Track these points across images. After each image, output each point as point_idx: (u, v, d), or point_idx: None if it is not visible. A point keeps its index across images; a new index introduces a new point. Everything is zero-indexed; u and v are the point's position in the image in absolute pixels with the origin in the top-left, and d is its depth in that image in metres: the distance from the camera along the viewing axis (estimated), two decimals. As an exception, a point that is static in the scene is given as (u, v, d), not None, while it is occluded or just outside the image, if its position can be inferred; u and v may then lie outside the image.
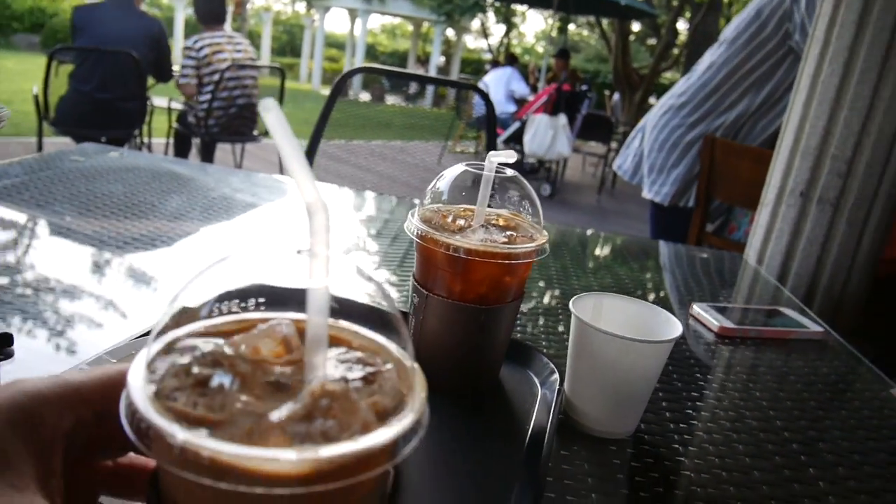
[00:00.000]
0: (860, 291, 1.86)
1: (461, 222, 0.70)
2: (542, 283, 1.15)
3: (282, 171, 3.68)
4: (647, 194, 2.69)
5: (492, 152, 0.68)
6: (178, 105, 4.67)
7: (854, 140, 1.75)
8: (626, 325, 0.72)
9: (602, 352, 0.66)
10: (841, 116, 1.75)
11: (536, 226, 0.72)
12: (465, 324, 0.68)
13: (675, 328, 0.68)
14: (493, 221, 0.71)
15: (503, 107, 8.02)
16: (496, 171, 0.69)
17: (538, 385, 0.75)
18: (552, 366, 0.76)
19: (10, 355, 0.67)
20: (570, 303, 0.69)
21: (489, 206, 0.71)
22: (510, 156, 0.66)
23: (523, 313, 1.00)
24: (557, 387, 0.71)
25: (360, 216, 1.43)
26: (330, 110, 2.01)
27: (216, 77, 4.07)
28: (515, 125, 7.17)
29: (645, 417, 0.73)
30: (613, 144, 8.26)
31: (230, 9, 4.34)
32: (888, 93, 1.68)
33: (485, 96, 2.14)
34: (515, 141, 7.14)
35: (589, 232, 1.63)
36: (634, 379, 0.66)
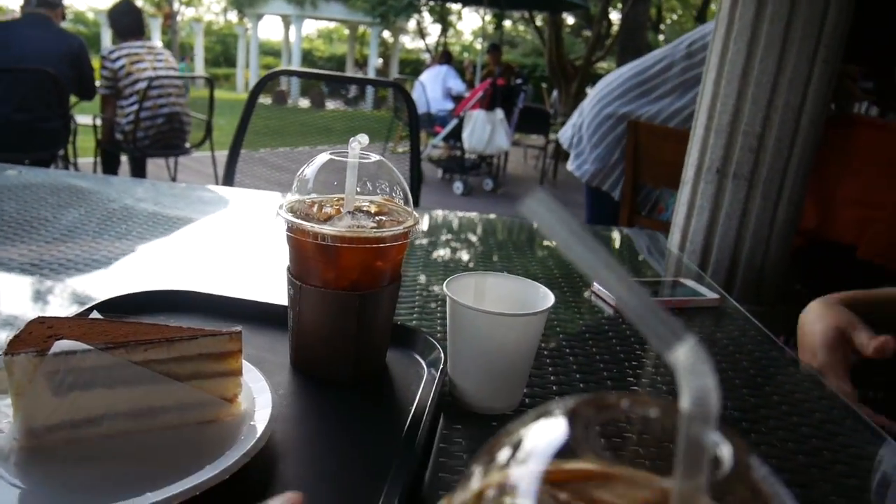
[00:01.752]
0: (780, 262, 1.93)
1: (329, 210, 0.70)
2: (431, 267, 1.17)
3: (217, 181, 3.63)
4: (569, 166, 2.77)
5: (352, 138, 0.68)
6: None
7: (762, 115, 1.81)
8: (509, 302, 0.73)
9: (474, 328, 0.67)
10: (749, 93, 1.81)
11: (408, 210, 0.73)
12: (341, 311, 0.69)
13: (548, 300, 0.69)
14: (364, 208, 0.71)
15: (440, 104, 8.03)
16: (361, 158, 0.69)
17: (424, 366, 0.76)
18: (436, 345, 0.77)
19: None
20: (444, 284, 0.70)
21: (361, 193, 0.72)
22: (364, 139, 0.67)
23: (420, 297, 1.00)
24: (441, 365, 0.72)
25: (263, 217, 1.41)
26: (249, 115, 1.99)
27: (138, 87, 3.99)
28: (454, 122, 7.19)
29: (531, 392, 0.75)
30: (552, 136, 8.37)
31: (159, 21, 4.26)
32: (790, 66, 1.75)
33: (404, 93, 2.15)
34: (455, 138, 7.16)
35: (492, 216, 1.65)
36: (508, 353, 0.67)
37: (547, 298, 0.70)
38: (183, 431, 0.60)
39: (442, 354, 0.74)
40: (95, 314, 0.64)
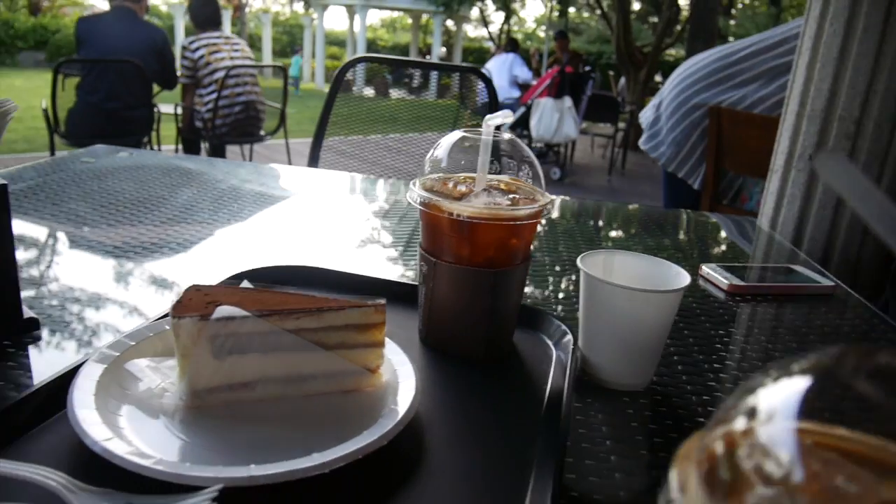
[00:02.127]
0: (876, 253, 1.85)
1: (463, 188, 0.71)
2: (550, 248, 1.16)
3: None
4: (642, 144, 2.71)
5: (488, 115, 0.69)
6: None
7: (861, 100, 1.73)
8: (637, 280, 0.73)
9: (612, 304, 0.67)
10: (846, 77, 1.74)
11: (538, 189, 0.73)
12: (475, 288, 0.69)
13: (683, 279, 0.68)
14: (495, 186, 0.71)
15: (507, 93, 7.99)
16: (494, 136, 0.70)
17: (552, 347, 0.76)
18: (564, 327, 0.77)
19: (37, 339, 0.71)
20: (578, 260, 0.70)
21: (488, 173, 0.72)
22: (506, 115, 0.67)
23: (535, 278, 1.00)
24: (571, 346, 0.72)
25: (366, 199, 1.44)
26: (332, 103, 2.02)
27: (216, 76, 4.10)
28: (521, 110, 7.14)
29: (657, 371, 0.74)
30: (621, 125, 8.21)
31: (228, 13, 4.38)
32: (892, 48, 1.66)
33: (485, 79, 2.15)
34: (522, 126, 7.12)
35: (597, 202, 1.63)
36: (645, 329, 0.67)
37: (681, 277, 0.69)
38: (328, 399, 0.62)
39: (570, 335, 0.74)
40: (245, 283, 0.66)
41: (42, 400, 0.57)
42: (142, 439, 0.54)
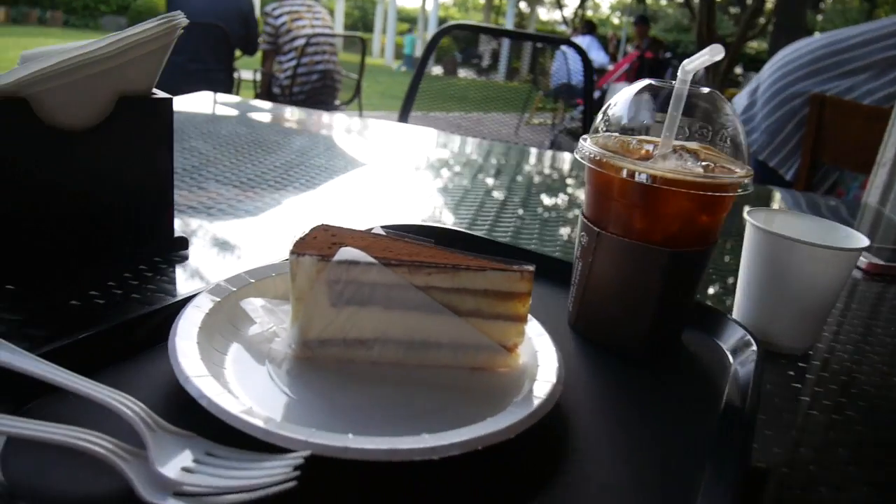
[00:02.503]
0: None
1: (644, 149, 0.58)
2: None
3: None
4: None
5: (686, 60, 0.55)
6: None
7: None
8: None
9: (789, 261, 0.60)
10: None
11: (735, 160, 0.58)
12: (647, 269, 0.57)
13: (859, 240, 0.59)
14: (686, 150, 0.58)
15: (581, 77, 7.46)
16: (690, 87, 0.57)
17: (729, 357, 0.62)
18: (748, 337, 0.62)
19: (185, 258, 0.71)
20: (745, 213, 0.60)
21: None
22: (717, 52, 0.53)
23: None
24: (754, 360, 0.58)
25: (471, 159, 1.33)
26: (423, 71, 1.98)
27: (297, 44, 4.07)
28: (596, 95, 6.68)
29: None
30: (700, 115, 7.52)
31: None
32: None
33: (581, 52, 2.10)
34: (587, 116, 6.67)
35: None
36: (821, 289, 0.62)
37: (853, 239, 0.63)
38: (452, 374, 0.52)
39: (755, 347, 0.60)
40: (378, 229, 0.58)
41: (151, 326, 0.52)
42: (240, 383, 0.48)
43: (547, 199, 1.14)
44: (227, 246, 0.77)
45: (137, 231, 0.68)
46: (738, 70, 11.78)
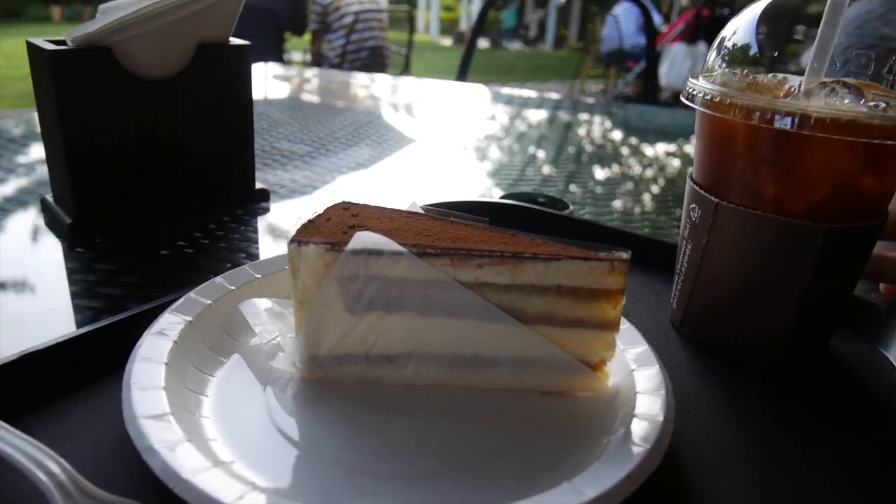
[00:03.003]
0: None
1: (786, 87, 0.42)
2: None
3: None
4: None
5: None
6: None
7: None
8: None
9: None
10: None
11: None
12: (788, 252, 0.41)
13: None
14: (839, 83, 0.41)
15: (634, 39, 6.91)
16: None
17: (889, 357, 0.45)
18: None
19: (266, 210, 0.71)
20: None
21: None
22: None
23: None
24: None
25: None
26: (475, 42, 1.88)
27: (345, 21, 3.99)
28: (647, 58, 6.21)
29: None
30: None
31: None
32: None
33: (641, 5, 1.92)
34: (650, 76, 6.20)
35: None
36: None
37: None
38: (515, 401, 0.38)
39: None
40: (415, 206, 0.44)
41: (115, 340, 0.40)
42: (222, 421, 0.35)
43: (632, 164, 0.97)
44: (306, 200, 0.76)
45: (221, 180, 0.69)
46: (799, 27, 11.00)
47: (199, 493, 0.27)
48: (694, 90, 0.43)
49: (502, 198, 0.76)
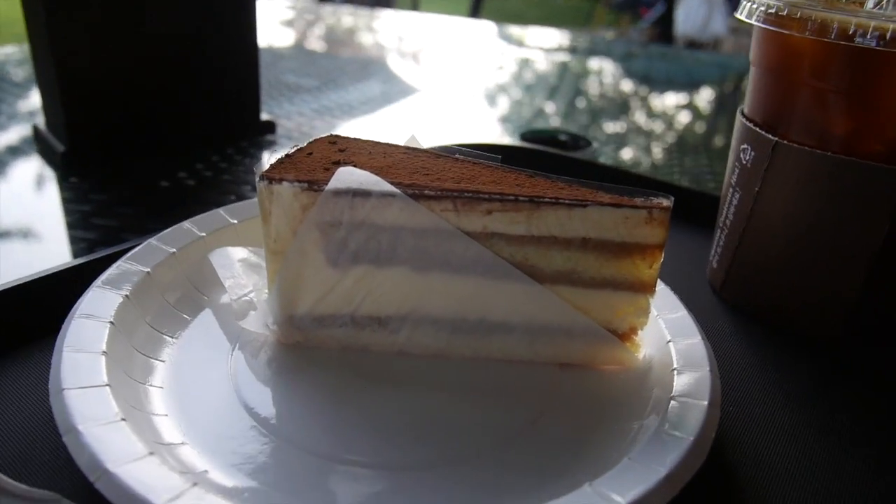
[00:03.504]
0: None
1: (870, 3, 0.34)
2: None
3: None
4: None
5: None
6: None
7: None
8: None
9: None
10: None
11: None
12: (861, 202, 0.34)
13: None
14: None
15: None
16: None
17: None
18: None
19: (273, 143, 0.66)
20: None
21: None
22: None
23: None
24: None
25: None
26: None
27: None
28: (662, 3, 5.90)
29: None
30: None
31: None
32: None
33: None
34: (665, 24, 5.91)
35: None
36: None
37: None
38: (530, 375, 0.32)
39: None
40: (415, 139, 0.38)
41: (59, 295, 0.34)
42: (180, 395, 0.29)
43: (664, 109, 0.89)
44: (315, 133, 0.69)
45: (225, 109, 0.64)
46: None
47: (122, 490, 0.21)
48: (753, 3, 0.35)
49: (520, 135, 0.69)
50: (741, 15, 0.36)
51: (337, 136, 0.36)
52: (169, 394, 0.29)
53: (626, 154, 0.70)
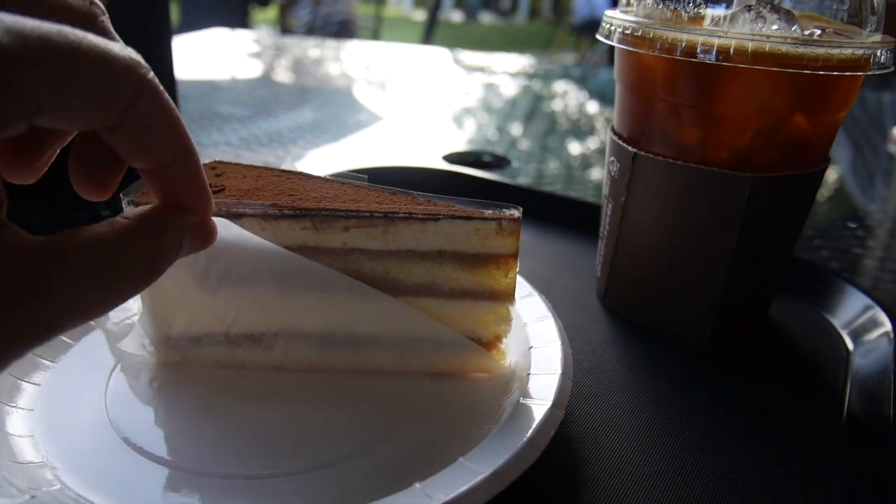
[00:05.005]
0: None
1: (712, 16, 0.36)
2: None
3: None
4: None
5: None
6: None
7: None
8: None
9: None
10: None
11: (854, 27, 0.36)
12: (713, 208, 0.36)
13: None
14: (768, 7, 0.36)
15: (605, 8, 6.59)
16: None
17: (846, 342, 0.40)
18: (879, 310, 0.40)
19: None
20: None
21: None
22: None
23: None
24: (891, 345, 0.36)
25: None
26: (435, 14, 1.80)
27: None
28: None
29: None
30: None
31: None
32: None
33: None
34: None
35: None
36: None
37: None
38: (401, 384, 0.33)
39: (889, 325, 0.38)
40: (290, 163, 0.39)
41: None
42: (51, 423, 0.30)
43: (592, 125, 0.91)
44: (240, 161, 0.69)
45: None
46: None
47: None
48: (611, 25, 0.37)
49: (445, 157, 0.70)
50: (601, 36, 0.38)
51: (219, 162, 0.37)
52: (37, 415, 0.30)
53: (547, 170, 0.72)
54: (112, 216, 0.22)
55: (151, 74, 0.21)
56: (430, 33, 1.80)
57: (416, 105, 0.99)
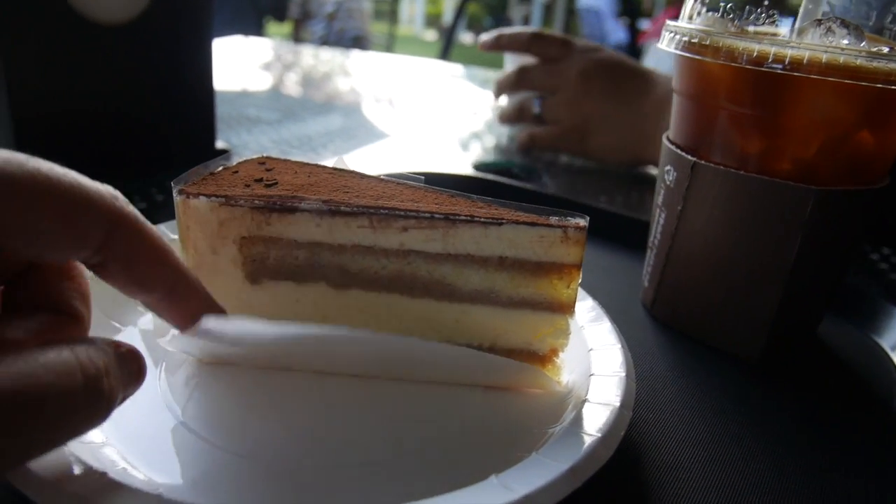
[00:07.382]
0: None
1: (770, 28, 0.36)
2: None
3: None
4: None
5: None
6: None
7: None
8: None
9: None
10: None
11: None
12: (774, 219, 0.35)
13: None
14: (836, 22, 0.35)
15: (616, 34, 6.34)
16: None
17: (887, 349, 0.39)
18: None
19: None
20: None
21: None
22: None
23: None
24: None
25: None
26: (455, 28, 1.83)
27: (326, 10, 3.91)
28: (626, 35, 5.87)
29: None
30: None
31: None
32: None
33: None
34: (632, 54, 5.80)
35: None
36: None
37: None
38: (452, 396, 0.32)
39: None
40: (342, 162, 0.38)
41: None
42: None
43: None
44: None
45: (179, 137, 0.62)
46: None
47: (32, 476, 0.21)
48: (673, 33, 0.36)
49: (474, 167, 0.69)
50: (662, 45, 0.37)
51: (267, 158, 0.36)
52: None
53: (578, 184, 0.71)
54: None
55: (131, 208, 0.21)
56: (447, 52, 1.81)
57: (440, 117, 0.99)
